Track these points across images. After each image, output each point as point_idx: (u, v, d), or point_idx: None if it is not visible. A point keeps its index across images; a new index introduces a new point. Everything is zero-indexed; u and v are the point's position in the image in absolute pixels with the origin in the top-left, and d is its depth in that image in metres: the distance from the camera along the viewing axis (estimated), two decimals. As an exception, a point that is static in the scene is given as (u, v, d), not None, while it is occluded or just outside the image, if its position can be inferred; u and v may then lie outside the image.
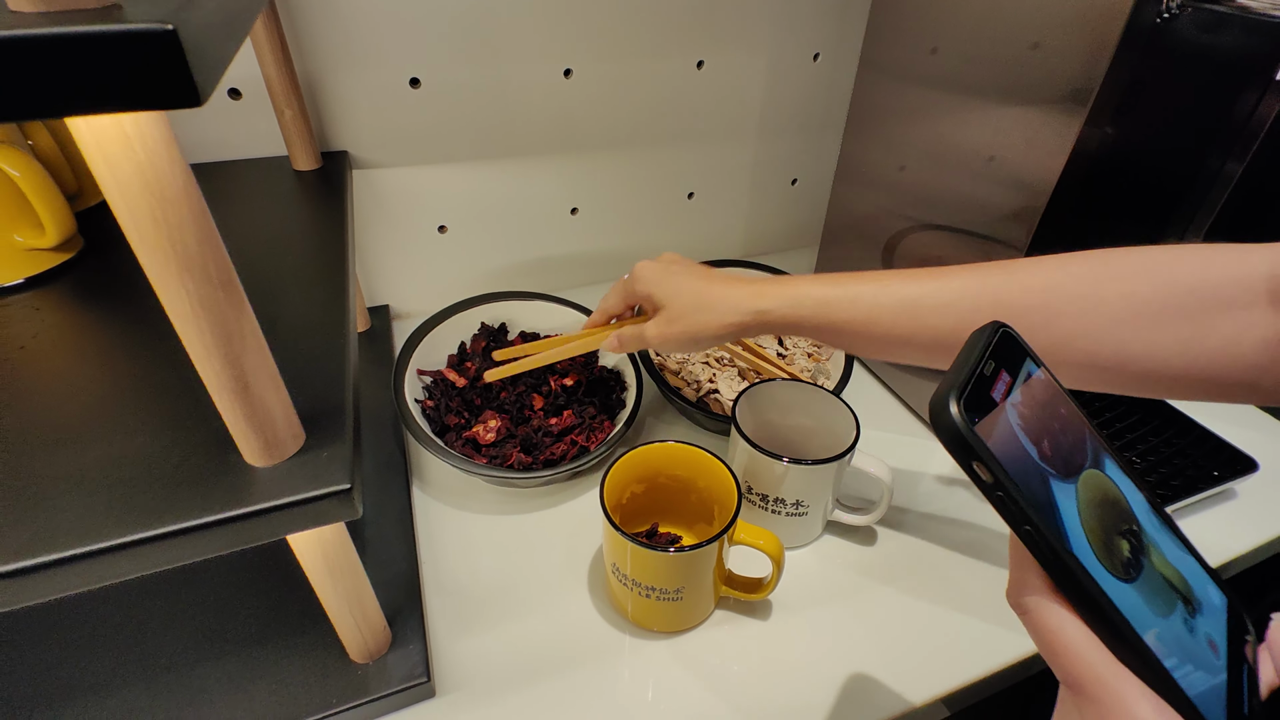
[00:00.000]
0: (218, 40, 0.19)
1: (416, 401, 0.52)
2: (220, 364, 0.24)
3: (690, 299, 0.42)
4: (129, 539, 0.25)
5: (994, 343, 0.22)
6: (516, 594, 0.45)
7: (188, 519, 0.26)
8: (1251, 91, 0.44)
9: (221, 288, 0.23)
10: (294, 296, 0.39)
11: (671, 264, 0.45)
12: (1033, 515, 0.19)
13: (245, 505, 0.26)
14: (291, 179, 0.54)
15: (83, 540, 0.25)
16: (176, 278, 0.22)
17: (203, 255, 0.22)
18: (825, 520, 0.48)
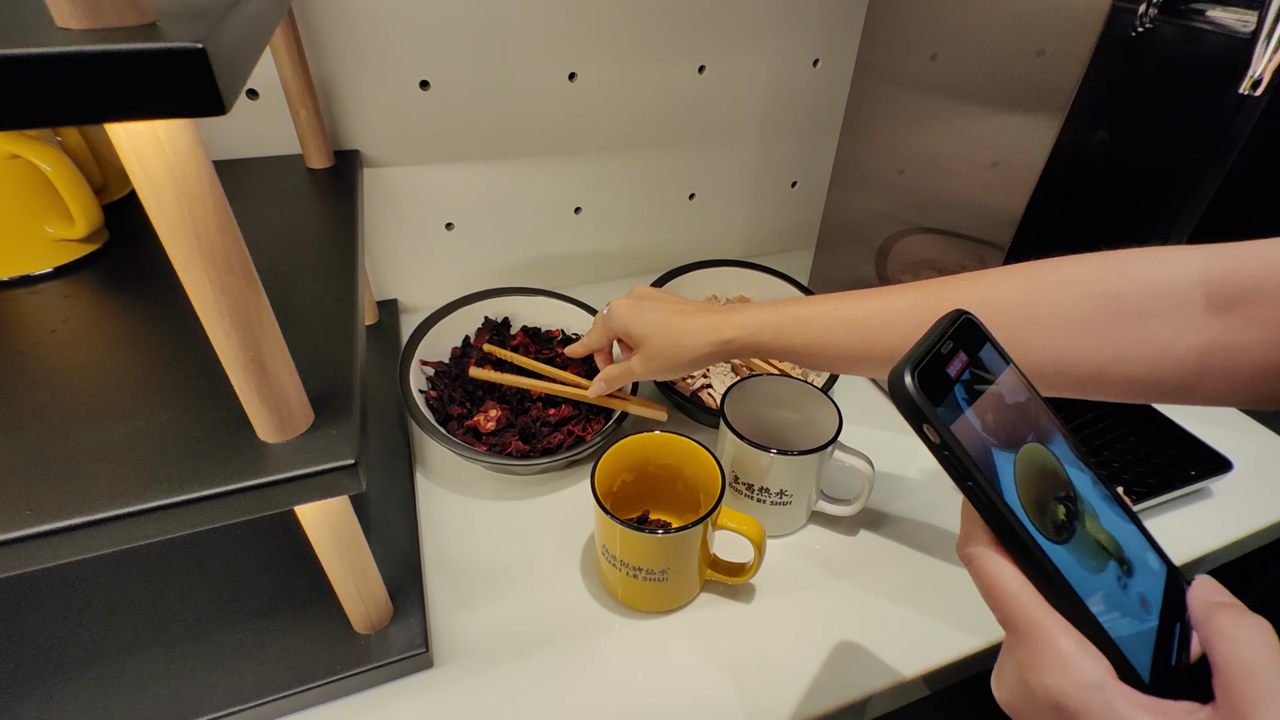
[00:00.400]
0: (240, 55, 0.22)
1: (420, 392, 0.55)
2: (239, 346, 0.27)
3: (662, 334, 0.46)
4: (156, 504, 0.28)
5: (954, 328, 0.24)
6: (512, 574, 0.47)
7: (208, 488, 0.28)
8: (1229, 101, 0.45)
9: (241, 276, 0.26)
10: (307, 288, 0.42)
11: (642, 299, 0.49)
12: (974, 472, 0.21)
13: (259, 476, 0.29)
14: (305, 176, 0.57)
15: (113, 504, 0.28)
16: (200, 266, 0.25)
17: (224, 246, 0.25)
18: (809, 510, 0.50)
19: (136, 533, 0.28)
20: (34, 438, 0.31)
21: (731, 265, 0.69)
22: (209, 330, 0.27)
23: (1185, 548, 0.50)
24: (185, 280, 0.25)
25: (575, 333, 0.64)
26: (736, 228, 0.84)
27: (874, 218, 0.62)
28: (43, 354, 0.36)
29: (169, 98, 0.19)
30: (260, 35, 0.24)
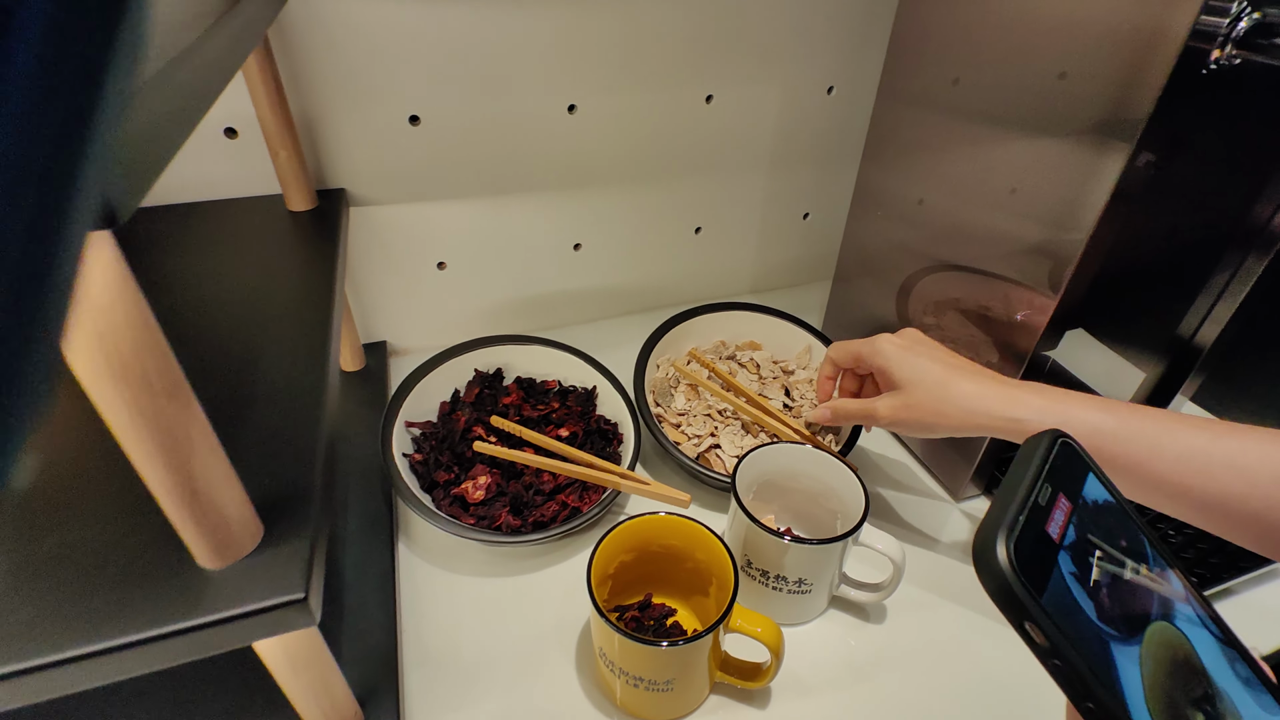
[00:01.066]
0: (144, 152, 0.17)
1: (405, 455, 0.51)
2: (163, 471, 0.23)
3: (934, 389, 0.41)
4: (71, 655, 0.24)
5: (1051, 460, 0.20)
6: (501, 669, 0.43)
7: (131, 632, 0.24)
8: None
9: (163, 394, 0.21)
10: (273, 355, 0.38)
11: (916, 344, 0.44)
12: (1097, 690, 0.17)
13: (193, 617, 0.25)
14: (285, 219, 0.53)
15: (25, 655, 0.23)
16: (111, 387, 0.20)
17: (140, 363, 0.20)
18: (830, 596, 0.45)
19: (49, 687, 0.24)
20: (-64, 560, 0.26)
21: (742, 309, 0.65)
22: (128, 454, 0.22)
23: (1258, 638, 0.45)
24: (95, 401, 0.21)
25: (572, 384, 0.60)
26: (745, 262, 0.80)
27: (895, 251, 0.57)
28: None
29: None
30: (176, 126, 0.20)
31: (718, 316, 0.64)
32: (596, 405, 0.58)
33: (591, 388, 0.58)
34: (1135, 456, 0.35)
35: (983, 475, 0.53)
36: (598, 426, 0.55)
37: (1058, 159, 0.41)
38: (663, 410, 0.57)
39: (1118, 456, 0.35)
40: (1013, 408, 0.38)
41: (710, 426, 0.55)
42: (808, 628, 0.45)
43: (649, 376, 0.58)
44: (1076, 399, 0.37)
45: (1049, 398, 0.38)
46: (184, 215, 0.51)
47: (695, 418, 0.56)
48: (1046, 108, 0.41)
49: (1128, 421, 0.35)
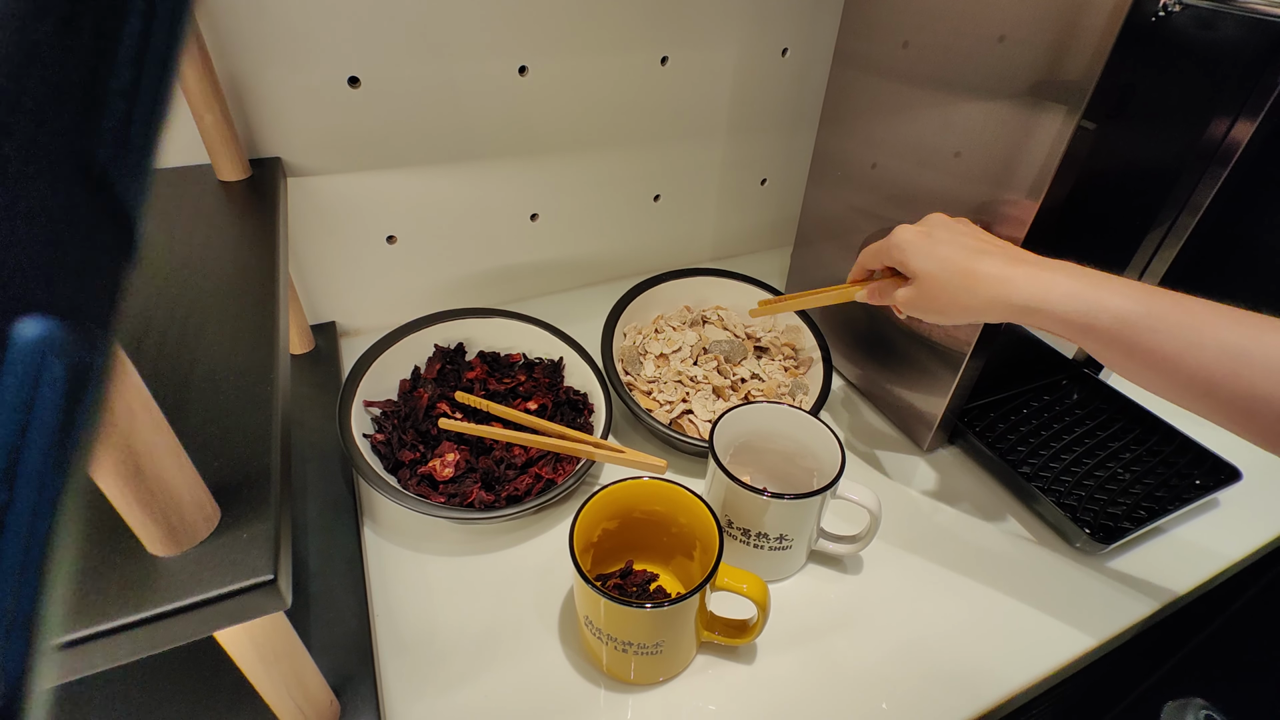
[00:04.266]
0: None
1: (365, 436, 0.48)
2: (100, 449, 0.20)
3: (953, 277, 0.38)
4: None
5: None
6: (481, 646, 0.41)
7: (78, 629, 0.22)
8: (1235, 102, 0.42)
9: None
10: (215, 333, 0.35)
11: (935, 228, 0.41)
12: None
13: (145, 609, 0.22)
14: (216, 191, 0.49)
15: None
16: (29, 354, 0.18)
17: (63, 324, 0.18)
18: (809, 551, 0.46)
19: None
20: None
21: (704, 274, 0.64)
22: (56, 430, 0.20)
23: (1197, 563, 0.47)
24: (11, 370, 0.18)
25: (538, 356, 0.58)
26: (706, 230, 0.79)
27: (855, 214, 0.58)
28: None
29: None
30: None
31: (683, 283, 0.63)
32: (564, 376, 0.56)
33: (558, 359, 0.57)
34: (1167, 350, 0.32)
35: (946, 427, 0.54)
36: (567, 398, 0.54)
37: (998, 122, 0.42)
38: (633, 378, 0.56)
39: (1149, 350, 0.33)
40: (1036, 294, 0.35)
41: (682, 392, 0.54)
42: (788, 583, 0.46)
43: (616, 345, 0.57)
44: (1108, 284, 0.34)
45: (1077, 281, 0.35)
46: (100, 188, 0.47)
47: (666, 384, 0.55)
48: (987, 71, 0.42)
49: (1162, 312, 0.33)
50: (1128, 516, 0.47)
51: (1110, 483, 0.50)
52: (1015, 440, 0.53)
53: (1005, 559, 0.47)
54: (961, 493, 0.52)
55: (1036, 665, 0.41)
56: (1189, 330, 0.32)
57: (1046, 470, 0.51)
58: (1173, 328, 0.32)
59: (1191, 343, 0.32)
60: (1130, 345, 0.33)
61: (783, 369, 0.58)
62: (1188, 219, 0.47)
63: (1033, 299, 0.35)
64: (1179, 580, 0.46)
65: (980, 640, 0.43)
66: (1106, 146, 0.42)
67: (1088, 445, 0.53)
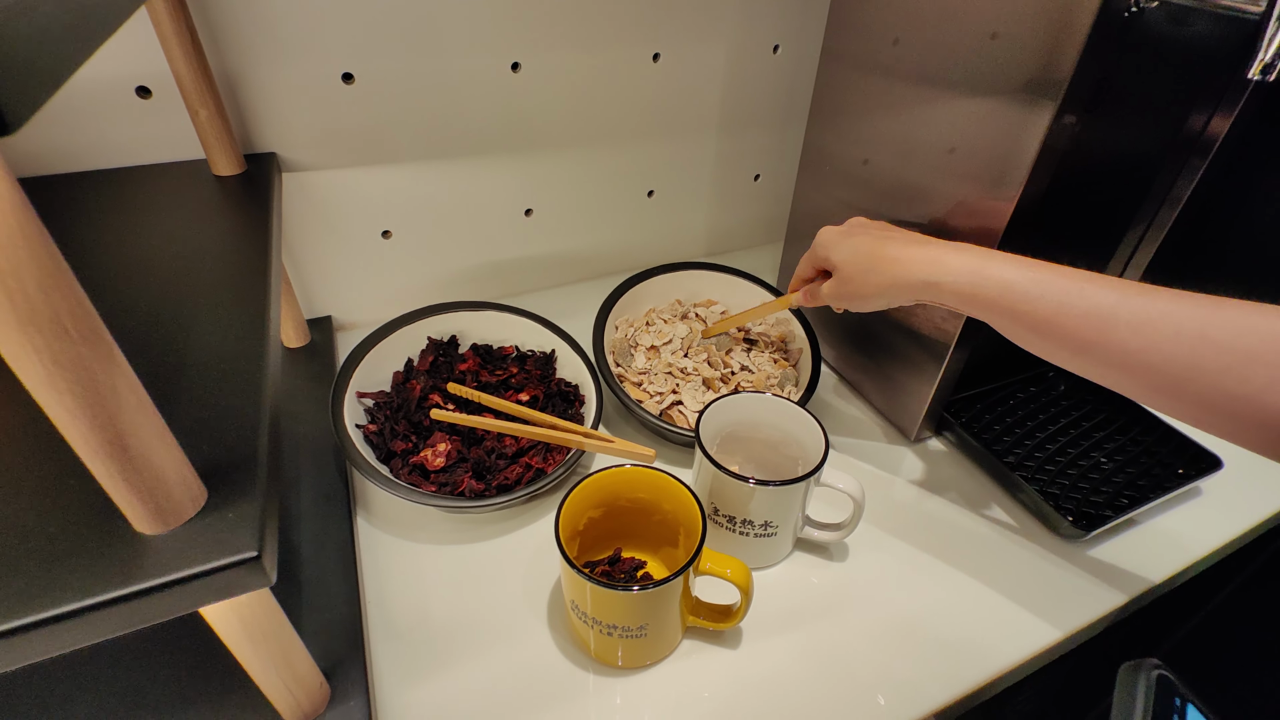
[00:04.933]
0: (43, 54, 0.16)
1: (358, 427, 0.49)
2: (88, 428, 0.21)
3: (863, 261, 0.42)
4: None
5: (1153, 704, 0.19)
6: (471, 632, 0.42)
7: (64, 603, 0.22)
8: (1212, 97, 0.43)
9: (82, 341, 0.20)
10: (206, 323, 0.35)
11: (853, 226, 0.46)
12: None
13: (132, 583, 0.23)
14: (211, 185, 0.49)
15: (-68, 637, 0.21)
16: (18, 333, 0.18)
17: (51, 305, 0.19)
18: (795, 538, 0.46)
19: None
20: None
21: (696, 268, 0.64)
22: (46, 410, 0.20)
23: (1178, 551, 0.48)
24: (3, 352, 0.19)
25: (531, 348, 0.59)
26: (698, 225, 0.80)
27: (844, 210, 0.58)
28: None
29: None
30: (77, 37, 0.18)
31: (674, 276, 0.63)
32: (556, 369, 0.57)
33: (550, 351, 0.57)
34: (1044, 312, 0.35)
35: (933, 418, 0.55)
36: (558, 389, 0.54)
37: (992, 118, 0.42)
38: (623, 370, 0.57)
39: (1028, 313, 0.36)
40: (932, 270, 0.38)
41: (672, 384, 0.55)
42: (774, 570, 0.46)
43: (608, 338, 0.57)
44: (994, 257, 0.38)
45: (968, 257, 0.38)
46: (98, 182, 0.47)
47: (656, 376, 0.55)
48: (980, 68, 0.42)
49: (1040, 278, 0.36)
50: (1109, 505, 0.48)
51: (1093, 472, 0.50)
52: (1001, 431, 0.54)
53: (990, 546, 0.48)
54: (947, 482, 0.53)
55: (1019, 648, 0.42)
56: (1064, 293, 0.35)
57: (1031, 460, 0.51)
58: (1049, 292, 0.35)
59: (1064, 304, 0.34)
60: (1013, 310, 0.36)
61: (772, 360, 0.58)
62: (1168, 212, 0.47)
63: (929, 274, 0.38)
64: (1160, 567, 0.47)
65: (964, 624, 0.43)
66: (1085, 141, 0.42)
67: (1072, 436, 0.54)
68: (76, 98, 0.47)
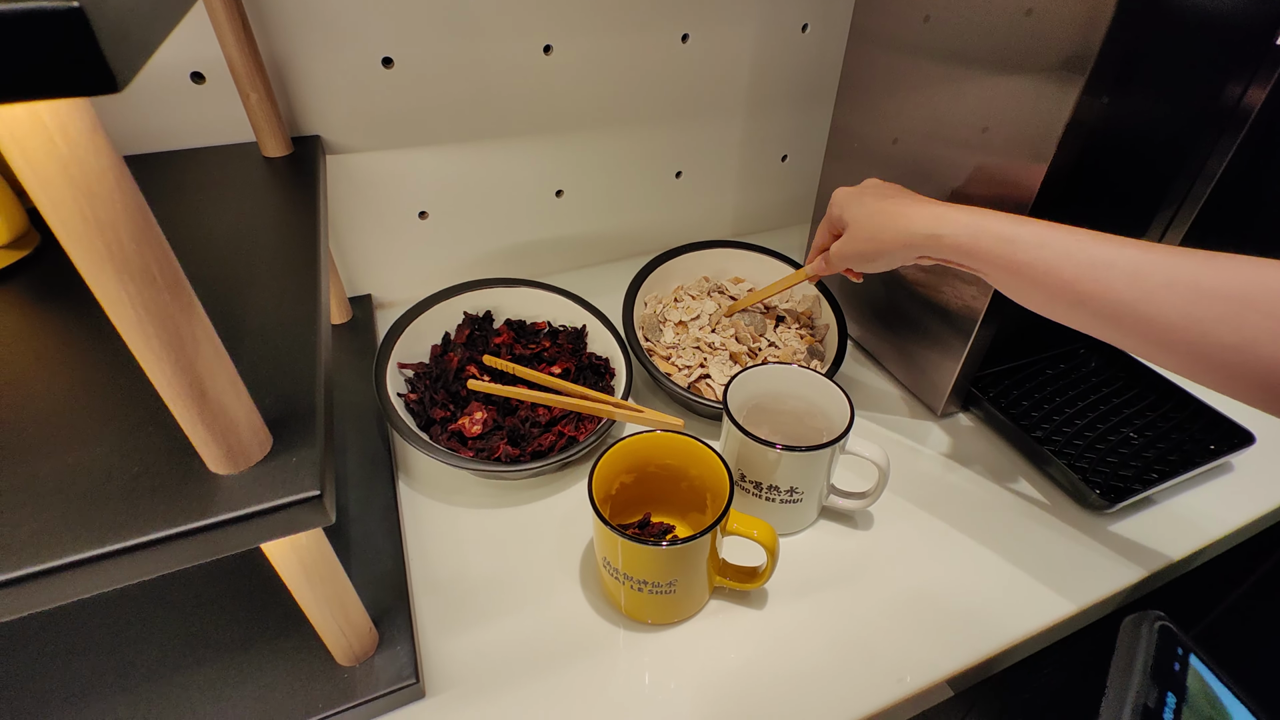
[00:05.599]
0: (142, 20, 0.17)
1: (399, 395, 0.51)
2: (171, 370, 0.23)
3: (874, 218, 0.43)
4: (85, 555, 0.24)
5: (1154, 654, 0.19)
6: (507, 589, 0.44)
7: (147, 533, 0.25)
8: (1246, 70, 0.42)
9: (167, 289, 0.22)
10: (263, 292, 0.38)
11: (866, 187, 0.47)
12: None
13: (208, 516, 0.25)
14: (261, 166, 0.52)
15: (36, 558, 0.24)
16: (115, 280, 0.21)
17: (142, 255, 0.21)
18: (820, 506, 0.47)
19: (63, 590, 0.24)
20: (-54, 480, 0.27)
21: (722, 246, 0.65)
22: (136, 353, 0.23)
23: (1208, 527, 0.48)
24: (100, 297, 0.21)
25: (562, 324, 0.60)
26: (726, 206, 0.81)
27: (872, 190, 0.58)
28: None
29: (40, 72, 0.15)
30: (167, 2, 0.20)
31: (702, 254, 0.64)
32: (587, 343, 0.58)
33: (581, 326, 0.59)
34: (1045, 263, 0.36)
35: (960, 393, 0.55)
36: (589, 362, 0.56)
37: (1025, 95, 0.42)
38: (652, 344, 0.58)
39: (1028, 264, 0.36)
40: (935, 224, 0.40)
41: (700, 358, 0.56)
42: (799, 537, 0.47)
43: (637, 313, 0.59)
44: (991, 213, 0.39)
45: (969, 213, 0.39)
46: (156, 165, 0.50)
47: (685, 350, 0.57)
48: (1014, 44, 0.42)
49: (1040, 232, 0.36)
50: (1138, 479, 0.48)
51: (1123, 446, 0.50)
52: (1029, 406, 0.54)
53: (1013, 518, 0.48)
54: (974, 456, 0.53)
55: (1036, 619, 0.42)
56: (1063, 244, 0.35)
57: (1059, 435, 0.51)
58: (1048, 243, 0.36)
59: (1064, 254, 0.35)
60: (1011, 262, 0.37)
61: (799, 336, 0.59)
62: (1202, 187, 0.47)
63: (932, 227, 0.40)
64: (1185, 542, 0.46)
65: (986, 591, 0.44)
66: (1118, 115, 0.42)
67: (1101, 411, 0.54)
68: (138, 84, 0.50)
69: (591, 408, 0.50)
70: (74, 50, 0.15)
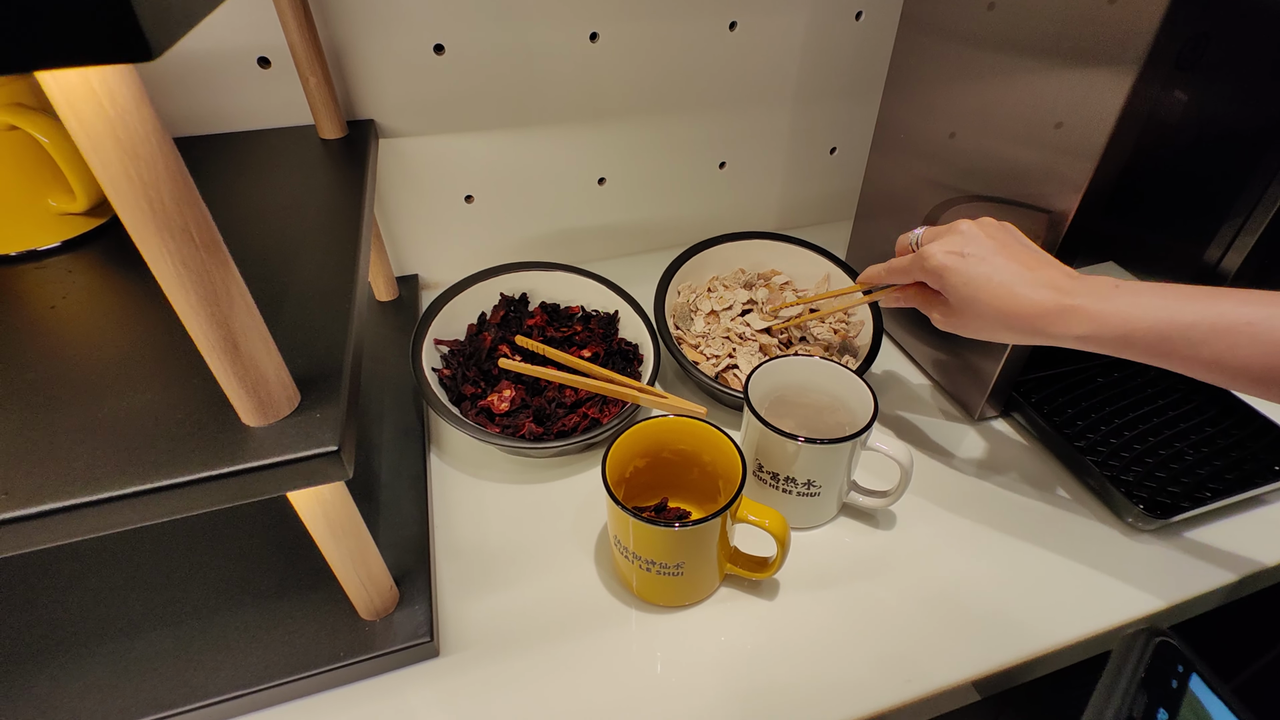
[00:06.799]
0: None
1: (434, 370, 0.53)
2: (206, 324, 0.25)
3: (987, 303, 0.38)
4: (127, 491, 0.26)
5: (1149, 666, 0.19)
6: (524, 561, 0.45)
7: (181, 474, 0.27)
8: None
9: (204, 248, 0.24)
10: (306, 264, 0.40)
11: (969, 244, 0.39)
12: None
13: (235, 463, 0.27)
14: (317, 147, 0.55)
15: (87, 489, 0.26)
16: (156, 236, 0.22)
17: (181, 214, 0.23)
18: (840, 502, 0.46)
19: (108, 521, 0.27)
20: (17, 417, 0.30)
21: (763, 238, 0.65)
22: (176, 307, 0.25)
23: (1262, 554, 0.44)
24: (144, 252, 0.23)
25: (595, 309, 0.61)
26: (770, 198, 0.80)
27: (919, 185, 0.56)
28: (39, 331, 0.35)
29: (77, 39, 0.17)
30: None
31: (739, 245, 0.64)
32: (619, 329, 0.59)
33: (614, 312, 0.60)
34: (1226, 353, 0.32)
35: (999, 396, 0.53)
36: (619, 348, 0.57)
37: (1099, 88, 0.39)
38: (682, 333, 0.58)
39: (1210, 357, 0.32)
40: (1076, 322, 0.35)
41: (729, 348, 0.56)
42: (817, 532, 0.47)
43: (669, 302, 0.59)
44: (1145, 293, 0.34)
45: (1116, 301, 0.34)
46: (220, 144, 0.54)
47: (714, 339, 0.57)
48: (1091, 32, 0.39)
49: (1207, 309, 0.32)
50: (1187, 496, 0.45)
51: (1174, 461, 0.47)
52: (1074, 414, 0.51)
53: (1047, 526, 0.46)
54: (1009, 462, 0.51)
55: (1067, 629, 0.40)
56: (1240, 329, 0.32)
57: (1104, 445, 0.49)
58: (1221, 328, 0.32)
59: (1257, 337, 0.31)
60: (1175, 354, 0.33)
61: (832, 330, 0.58)
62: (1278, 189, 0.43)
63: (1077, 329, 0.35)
64: (1235, 568, 0.43)
65: (1011, 598, 0.42)
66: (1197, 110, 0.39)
67: (1154, 424, 0.50)
68: (210, 68, 0.53)
69: (617, 391, 0.50)
70: (110, 19, 0.17)
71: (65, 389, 0.31)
